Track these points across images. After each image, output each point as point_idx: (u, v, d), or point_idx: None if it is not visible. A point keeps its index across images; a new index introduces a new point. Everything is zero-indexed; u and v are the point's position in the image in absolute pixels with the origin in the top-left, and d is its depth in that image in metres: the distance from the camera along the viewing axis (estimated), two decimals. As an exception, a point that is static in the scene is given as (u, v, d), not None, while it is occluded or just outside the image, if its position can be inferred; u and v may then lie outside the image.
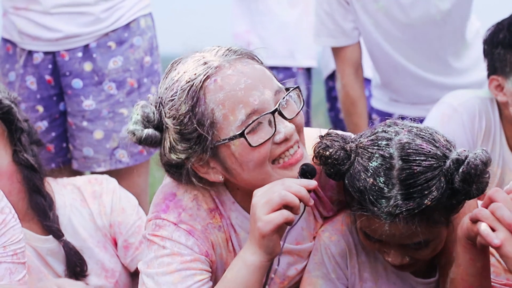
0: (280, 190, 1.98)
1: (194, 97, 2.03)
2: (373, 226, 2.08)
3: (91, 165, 3.13)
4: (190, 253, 2.12)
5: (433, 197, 2.00)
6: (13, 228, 2.20)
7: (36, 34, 3.04)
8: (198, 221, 2.15)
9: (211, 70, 2.04)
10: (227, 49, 2.09)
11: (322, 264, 2.25)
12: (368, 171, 2.04)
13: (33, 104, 3.09)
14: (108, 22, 3.08)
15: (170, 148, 2.07)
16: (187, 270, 2.10)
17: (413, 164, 2.01)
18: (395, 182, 2.01)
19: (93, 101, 3.06)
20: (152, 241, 2.14)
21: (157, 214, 2.16)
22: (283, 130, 2.04)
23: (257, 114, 2.03)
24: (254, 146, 2.02)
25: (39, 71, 3.08)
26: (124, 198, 2.59)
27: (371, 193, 2.03)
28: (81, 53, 3.06)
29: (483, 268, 2.07)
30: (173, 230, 2.13)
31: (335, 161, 2.09)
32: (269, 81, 2.07)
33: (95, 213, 2.54)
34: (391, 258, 2.14)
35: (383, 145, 2.05)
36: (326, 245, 2.25)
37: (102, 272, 2.54)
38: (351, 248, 2.27)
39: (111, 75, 3.07)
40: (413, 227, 2.02)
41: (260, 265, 2.04)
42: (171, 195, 2.17)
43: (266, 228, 1.98)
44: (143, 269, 2.14)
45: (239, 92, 2.02)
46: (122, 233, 2.55)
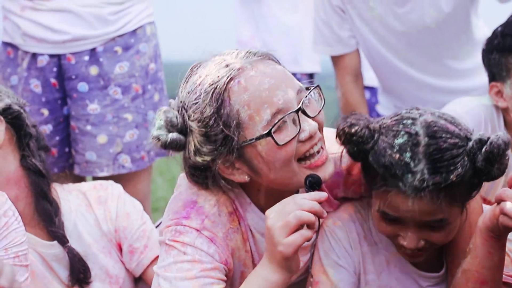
0: (295, 211, 1.99)
1: (219, 99, 2.05)
2: (396, 203, 2.10)
3: (93, 169, 3.11)
4: (211, 261, 2.12)
5: (458, 173, 2.05)
6: (15, 231, 2.19)
7: (41, 36, 3.03)
8: (219, 228, 2.16)
9: (234, 72, 2.06)
10: (247, 52, 2.12)
11: (330, 250, 2.28)
12: (393, 148, 2.08)
13: (38, 108, 3.08)
14: (116, 26, 3.08)
15: (195, 151, 2.09)
16: (206, 278, 2.10)
17: (440, 141, 2.07)
18: (421, 158, 2.06)
19: (98, 105, 3.06)
20: (172, 246, 2.14)
21: (178, 221, 2.15)
22: (308, 128, 2.07)
23: (282, 113, 2.06)
24: (281, 144, 2.04)
25: (44, 74, 3.06)
26: (129, 203, 2.59)
27: (397, 167, 2.07)
28: (87, 57, 3.05)
29: (499, 262, 2.09)
30: (195, 236, 2.13)
31: (360, 139, 2.13)
32: (290, 81, 2.11)
33: (101, 219, 2.54)
34: (406, 242, 2.15)
35: (409, 124, 2.10)
36: (331, 229, 2.29)
37: (106, 278, 2.54)
38: (354, 237, 2.30)
39: (117, 80, 3.06)
40: (438, 202, 2.06)
41: (283, 282, 2.06)
42: (191, 203, 2.17)
43: (288, 251, 1.99)
44: (160, 272, 2.13)
45: (264, 92, 2.05)
46: (127, 238, 2.55)
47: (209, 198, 2.17)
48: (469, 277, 2.12)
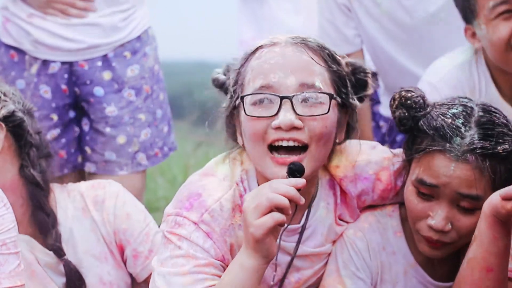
0: (268, 193, 1.99)
1: (245, 59, 2.20)
2: (437, 165, 2.13)
3: (113, 168, 3.18)
4: (205, 256, 2.13)
5: (505, 147, 2.11)
6: (2, 217, 2.13)
7: (55, 45, 3.09)
8: (218, 223, 2.17)
9: (267, 43, 2.17)
10: (299, 36, 2.19)
11: (350, 261, 2.28)
12: (446, 115, 2.17)
13: (47, 113, 3.11)
14: (125, 32, 3.17)
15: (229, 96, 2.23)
16: (199, 274, 2.11)
17: (493, 116, 2.16)
18: (473, 126, 2.14)
19: (115, 108, 3.15)
20: (169, 239, 2.15)
21: (179, 211, 2.17)
22: (281, 118, 2.07)
23: (270, 90, 2.10)
24: (248, 115, 2.11)
25: (55, 80, 3.12)
26: (129, 203, 2.54)
27: (448, 129, 2.14)
28: (100, 62, 3.14)
29: (504, 248, 2.07)
30: (192, 230, 2.14)
31: (413, 104, 2.20)
32: (303, 72, 2.12)
33: (98, 222, 2.50)
34: (435, 221, 2.15)
35: (465, 101, 2.20)
36: (352, 240, 2.29)
37: (100, 286, 2.50)
38: (374, 247, 2.29)
39: (130, 83, 3.17)
40: (479, 172, 2.10)
41: (258, 267, 2.04)
42: (196, 195, 2.18)
43: (258, 232, 1.98)
44: (157, 266, 2.16)
45: (267, 65, 2.12)
46: (129, 241, 2.50)
47: (213, 193, 2.18)
48: (474, 265, 2.09)
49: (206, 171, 2.25)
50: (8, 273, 2.13)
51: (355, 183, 2.28)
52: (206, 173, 2.24)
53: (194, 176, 2.26)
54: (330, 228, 2.29)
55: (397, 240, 2.30)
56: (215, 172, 2.24)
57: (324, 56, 2.17)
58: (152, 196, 5.77)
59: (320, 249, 2.29)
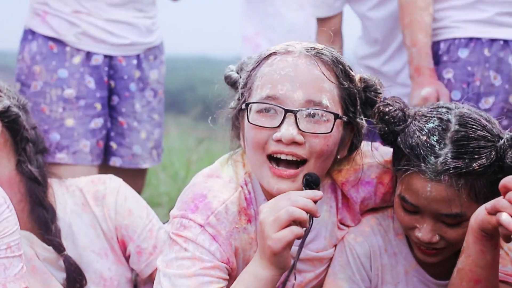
0: (287, 206, 1.98)
1: (257, 63, 2.17)
2: (415, 186, 2.11)
3: (138, 161, 3.36)
4: (211, 259, 2.13)
5: (481, 163, 2.06)
6: (6, 220, 2.14)
7: (100, 38, 3.25)
8: (224, 226, 2.16)
9: (282, 50, 2.15)
10: (315, 47, 2.15)
11: (347, 266, 2.28)
12: (423, 131, 2.12)
13: (92, 102, 3.25)
14: (154, 36, 3.39)
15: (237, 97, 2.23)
16: (205, 277, 2.11)
17: (469, 130, 2.09)
18: (447, 143, 2.08)
19: (139, 105, 3.35)
20: (175, 241, 2.15)
21: (185, 213, 2.16)
22: (283, 131, 2.06)
23: (276, 102, 2.09)
24: (251, 123, 2.10)
25: (98, 72, 3.26)
26: (130, 198, 2.52)
27: (422, 148, 2.09)
28: (135, 61, 3.33)
29: (492, 260, 2.06)
30: (198, 232, 2.14)
31: (392, 119, 2.16)
32: (312, 88, 2.09)
33: (99, 217, 2.49)
34: (421, 234, 2.15)
35: (443, 112, 2.14)
36: (352, 246, 2.29)
37: (100, 281, 2.49)
38: (375, 250, 2.29)
39: (151, 85, 3.39)
40: (456, 190, 2.06)
41: (272, 279, 2.05)
42: (201, 196, 2.18)
43: (277, 246, 1.98)
44: (162, 267, 2.15)
45: (277, 75, 2.10)
46: (132, 237, 2.49)
47: (218, 195, 2.17)
48: (463, 275, 2.10)
49: (211, 172, 2.24)
50: (14, 276, 2.14)
51: (357, 188, 2.28)
52: (211, 175, 2.24)
53: (198, 177, 2.25)
54: (332, 232, 2.30)
55: (398, 242, 2.30)
56: (220, 173, 2.23)
57: (336, 71, 2.13)
58: (154, 191, 5.77)
59: (322, 253, 2.30)
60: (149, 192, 5.63)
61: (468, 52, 3.07)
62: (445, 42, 3.11)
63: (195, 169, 5.74)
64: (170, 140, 7.55)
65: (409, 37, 3.10)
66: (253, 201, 2.22)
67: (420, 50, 3.07)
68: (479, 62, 3.06)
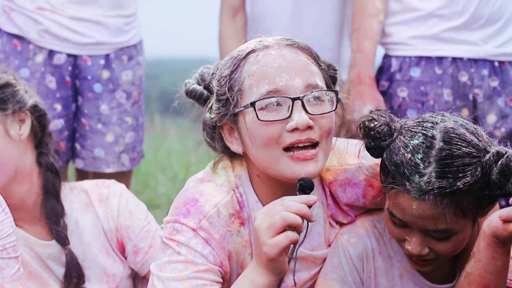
0: (281, 212, 1.99)
1: (236, 64, 2.16)
2: (401, 204, 2.10)
3: (100, 165, 3.29)
4: (204, 262, 2.13)
5: (466, 181, 2.04)
6: (2, 223, 2.16)
7: (64, 36, 3.19)
8: (217, 229, 2.16)
9: (259, 46, 2.16)
10: (288, 38, 2.19)
11: (339, 267, 2.27)
12: (407, 147, 2.10)
13: (52, 102, 3.20)
14: (127, 36, 3.31)
15: (209, 108, 2.19)
16: (198, 280, 2.11)
17: (454, 147, 2.06)
18: (432, 161, 2.06)
19: (107, 107, 3.27)
20: (167, 245, 2.15)
21: (177, 218, 2.17)
22: (296, 119, 2.07)
23: (278, 94, 2.09)
24: (262, 120, 2.08)
25: (60, 71, 3.21)
26: (132, 202, 2.59)
27: (406, 167, 2.07)
28: (103, 61, 3.26)
29: (503, 267, 2.07)
30: (191, 236, 2.14)
31: (377, 134, 2.15)
32: (306, 73, 2.13)
33: (102, 217, 2.54)
34: (411, 246, 2.15)
35: (428, 127, 2.11)
36: (345, 247, 2.28)
37: (103, 277, 2.54)
38: (368, 252, 2.29)
39: (123, 86, 3.30)
40: (440, 208, 2.04)
41: (269, 285, 2.05)
42: (193, 200, 2.18)
43: (273, 252, 1.98)
44: (155, 271, 2.15)
45: (270, 69, 2.11)
46: (130, 237, 2.54)
47: (210, 199, 2.18)
48: (471, 280, 2.10)
49: (203, 177, 2.24)
50: (10, 277, 2.16)
51: (344, 188, 2.27)
52: (203, 179, 2.24)
53: (190, 182, 2.25)
54: (325, 228, 2.29)
55: (393, 245, 2.29)
56: (212, 177, 2.23)
57: (313, 55, 2.19)
58: (153, 193, 5.77)
59: (317, 252, 2.29)
60: (148, 194, 5.64)
61: (420, 71, 3.12)
62: (397, 59, 3.15)
63: (194, 171, 5.74)
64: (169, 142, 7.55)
65: (356, 42, 3.14)
66: (245, 204, 2.22)
67: (364, 58, 3.11)
68: (432, 81, 3.11)
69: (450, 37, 3.10)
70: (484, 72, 3.12)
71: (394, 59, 3.16)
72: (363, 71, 3.10)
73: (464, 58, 3.11)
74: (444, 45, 3.10)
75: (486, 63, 3.13)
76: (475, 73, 3.11)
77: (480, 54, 3.12)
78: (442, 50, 3.11)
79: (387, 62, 3.18)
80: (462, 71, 3.10)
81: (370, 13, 3.11)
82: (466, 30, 3.09)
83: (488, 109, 3.14)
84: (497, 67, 3.14)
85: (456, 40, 3.10)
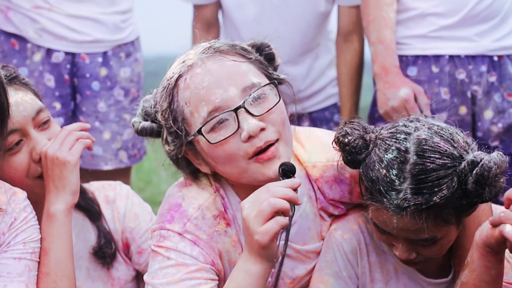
0: (268, 198, 1.98)
1: (170, 95, 2.12)
2: (382, 218, 2.10)
3: (98, 163, 3.30)
4: (195, 263, 2.13)
5: (442, 195, 2.01)
6: (33, 227, 2.22)
7: (61, 34, 3.19)
8: (203, 230, 2.17)
9: (184, 69, 2.11)
10: (209, 46, 2.14)
11: (334, 262, 2.27)
12: (382, 162, 2.07)
13: (51, 101, 3.22)
14: (125, 34, 3.31)
15: (165, 140, 2.17)
16: (192, 280, 2.11)
17: (427, 161, 2.03)
18: (407, 176, 2.03)
19: (104, 104, 3.27)
20: (157, 252, 2.16)
21: (162, 225, 2.18)
22: (246, 128, 2.05)
23: (219, 111, 2.07)
24: (214, 143, 2.07)
25: (58, 69, 3.22)
26: (137, 204, 2.58)
27: (382, 184, 2.05)
28: (101, 58, 3.26)
29: (496, 275, 2.06)
30: (178, 240, 2.15)
31: (352, 149, 2.12)
32: (237, 78, 2.09)
33: (108, 218, 2.53)
34: (398, 252, 2.16)
35: (401, 139, 2.08)
36: (339, 242, 2.27)
37: (109, 280, 2.52)
38: (362, 248, 2.28)
39: (121, 83, 3.30)
40: (420, 222, 2.03)
41: (264, 272, 2.05)
42: (176, 206, 2.19)
43: (265, 238, 1.98)
44: (148, 280, 2.16)
45: (202, 90, 2.08)
46: (135, 239, 2.53)
47: (193, 202, 2.18)
48: None
49: (184, 181, 2.24)
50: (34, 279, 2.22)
51: (330, 185, 2.27)
52: (185, 183, 2.24)
53: (172, 188, 2.26)
54: (315, 222, 2.29)
55: None
56: (193, 182, 2.23)
57: (239, 52, 2.15)
58: (156, 190, 5.78)
59: (309, 246, 2.28)
60: (151, 191, 5.65)
61: (416, 70, 3.11)
62: None
63: (196, 168, 5.74)
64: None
65: (375, 34, 3.08)
66: (228, 205, 2.22)
67: (387, 48, 3.07)
68: (429, 79, 3.09)
69: (447, 35, 3.09)
70: (482, 68, 3.11)
71: None
72: (388, 61, 3.05)
73: (462, 55, 3.10)
74: (441, 43, 3.10)
75: (484, 59, 3.12)
76: (473, 69, 3.10)
77: (478, 50, 3.11)
78: (439, 48, 3.10)
79: None
80: (459, 69, 3.10)
81: (386, 2, 3.08)
82: (463, 27, 3.08)
83: (485, 105, 3.14)
84: (496, 62, 3.13)
85: (453, 38, 3.09)
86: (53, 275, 2.22)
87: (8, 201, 2.19)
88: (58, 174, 2.26)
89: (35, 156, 2.29)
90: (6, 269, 2.16)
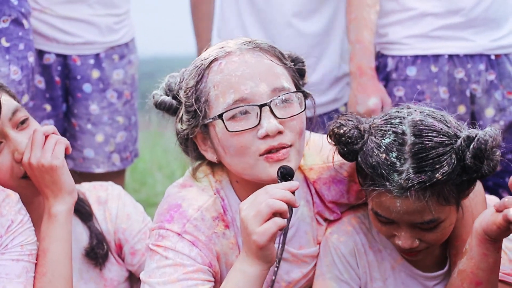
0: (267, 200, 1.99)
1: (200, 75, 2.14)
2: (385, 203, 2.11)
3: (90, 165, 3.30)
4: (193, 263, 2.14)
5: (444, 171, 2.05)
6: (29, 229, 2.24)
7: (53, 36, 3.18)
8: (202, 231, 2.18)
9: (221, 54, 2.14)
10: (251, 40, 2.17)
11: (333, 266, 2.28)
12: (381, 147, 2.10)
13: (41, 103, 3.20)
14: (118, 35, 3.30)
15: (180, 118, 2.18)
16: (189, 280, 2.12)
17: (425, 139, 2.07)
18: (407, 157, 2.07)
19: (97, 107, 3.27)
20: (154, 251, 2.16)
21: (161, 224, 2.18)
22: (266, 126, 2.07)
23: (245, 102, 2.09)
24: (231, 131, 2.08)
25: (49, 71, 3.21)
26: (129, 204, 2.57)
27: (383, 167, 2.08)
28: (93, 60, 3.25)
29: (494, 264, 2.10)
30: (176, 240, 2.15)
31: (348, 139, 2.14)
32: (271, 77, 2.11)
33: (100, 219, 2.52)
34: (401, 241, 2.17)
35: (396, 123, 2.12)
36: (336, 246, 2.29)
37: (101, 281, 2.51)
38: (359, 248, 2.31)
39: (114, 85, 3.29)
40: (424, 201, 2.06)
41: (261, 274, 2.06)
42: (176, 206, 2.19)
43: (263, 239, 1.99)
44: (145, 278, 2.16)
45: (234, 78, 2.09)
46: (128, 240, 2.53)
47: (193, 203, 2.19)
48: (464, 277, 2.13)
49: (184, 183, 2.26)
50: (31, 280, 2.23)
51: (328, 186, 2.28)
52: (185, 184, 2.25)
53: (172, 188, 2.27)
54: (312, 226, 2.29)
55: (382, 238, 2.31)
56: (193, 183, 2.24)
57: (277, 55, 2.17)
58: (151, 191, 5.77)
59: (305, 250, 2.29)
60: (146, 192, 5.64)
61: (416, 70, 3.13)
62: (393, 59, 3.16)
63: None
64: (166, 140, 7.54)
65: (354, 33, 3.10)
66: (228, 208, 2.23)
67: (364, 49, 3.08)
68: (428, 79, 3.11)
69: (446, 35, 3.11)
70: (481, 67, 3.12)
71: (390, 59, 3.16)
72: (364, 63, 3.08)
73: (461, 54, 3.12)
74: (440, 42, 3.11)
75: (482, 58, 3.13)
76: (472, 68, 3.12)
77: (476, 49, 3.12)
78: (438, 48, 3.12)
79: (382, 62, 3.18)
80: (458, 68, 3.11)
81: (368, 3, 3.09)
82: (462, 27, 3.10)
83: (486, 103, 3.15)
84: (494, 61, 3.15)
85: (451, 37, 3.11)
86: (49, 275, 2.22)
87: (1, 203, 2.19)
88: (49, 179, 2.26)
89: (17, 156, 2.28)
90: (5, 271, 2.17)
